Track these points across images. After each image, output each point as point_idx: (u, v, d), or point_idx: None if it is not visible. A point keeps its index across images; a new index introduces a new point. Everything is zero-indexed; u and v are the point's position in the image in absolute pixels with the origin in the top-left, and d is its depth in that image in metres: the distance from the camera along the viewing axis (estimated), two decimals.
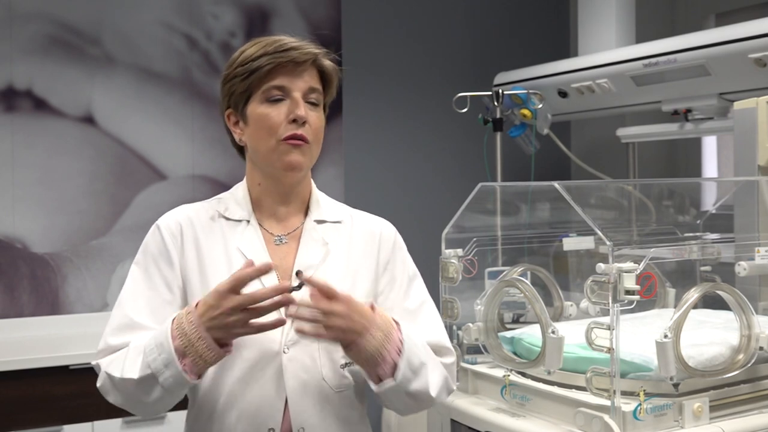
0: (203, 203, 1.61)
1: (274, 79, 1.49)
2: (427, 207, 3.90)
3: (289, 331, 1.47)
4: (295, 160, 1.50)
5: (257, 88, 1.50)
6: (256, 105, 1.50)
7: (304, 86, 1.51)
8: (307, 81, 1.51)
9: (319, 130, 1.53)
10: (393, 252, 1.63)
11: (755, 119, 2.22)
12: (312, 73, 1.53)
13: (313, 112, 1.52)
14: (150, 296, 1.50)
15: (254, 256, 1.50)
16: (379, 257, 1.61)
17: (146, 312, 1.49)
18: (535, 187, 2.52)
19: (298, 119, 1.48)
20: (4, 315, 3.16)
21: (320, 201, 1.63)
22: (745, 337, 1.79)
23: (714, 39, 2.86)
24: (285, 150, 1.49)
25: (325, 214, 1.61)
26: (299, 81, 1.50)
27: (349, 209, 1.67)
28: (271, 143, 1.49)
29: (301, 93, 1.50)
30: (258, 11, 3.65)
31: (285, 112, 1.49)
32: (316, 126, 1.52)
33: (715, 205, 2.68)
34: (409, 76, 4.00)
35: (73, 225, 3.30)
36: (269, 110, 1.49)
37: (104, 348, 1.50)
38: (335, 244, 1.58)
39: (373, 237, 1.62)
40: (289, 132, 1.48)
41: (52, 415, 2.80)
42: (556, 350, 1.74)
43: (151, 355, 1.37)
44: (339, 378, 1.50)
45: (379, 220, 1.67)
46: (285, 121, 1.49)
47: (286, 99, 1.50)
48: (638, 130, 3.45)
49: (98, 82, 3.34)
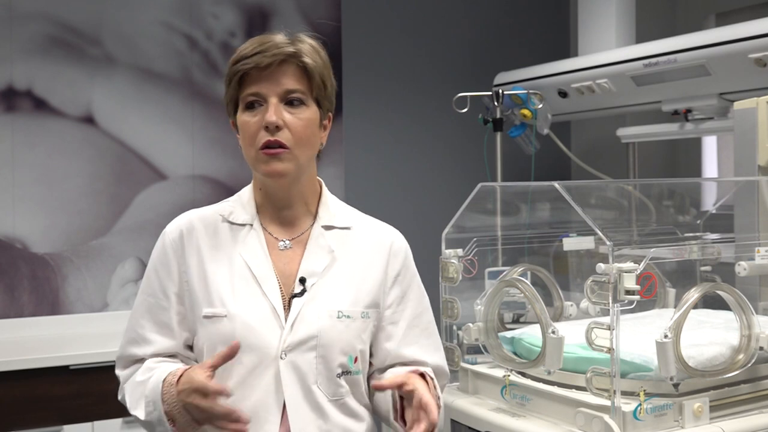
0: (210, 207, 1.60)
1: (249, 85, 1.46)
2: (427, 207, 3.90)
3: (287, 337, 1.46)
4: (274, 169, 1.47)
5: (239, 95, 1.48)
6: (240, 112, 1.49)
7: (279, 90, 1.46)
8: (283, 83, 1.46)
9: (302, 131, 1.48)
10: (404, 265, 1.61)
11: (755, 119, 2.22)
12: (290, 71, 1.47)
13: (293, 115, 1.47)
14: (151, 303, 1.54)
15: (256, 261, 1.51)
16: (388, 269, 1.58)
17: (149, 322, 1.54)
18: (535, 187, 2.52)
19: (269, 125, 1.45)
20: (4, 315, 3.15)
21: (330, 205, 1.60)
22: (745, 337, 1.79)
23: (714, 39, 2.86)
24: (263, 159, 1.47)
25: (334, 220, 1.58)
26: (275, 85, 1.46)
27: (359, 215, 1.64)
28: (251, 152, 1.48)
29: (278, 97, 1.46)
30: (258, 11, 3.65)
31: (260, 118, 1.46)
32: (296, 128, 1.47)
33: (715, 205, 2.68)
34: (409, 76, 4.00)
35: (73, 225, 3.30)
36: (248, 118, 1.47)
37: (120, 357, 1.59)
38: (341, 252, 1.55)
39: (382, 247, 1.59)
40: (264, 140, 1.46)
41: (52, 415, 2.80)
42: (556, 350, 1.74)
43: (149, 407, 1.45)
44: (334, 386, 1.49)
45: (390, 230, 1.64)
46: (261, 129, 1.46)
47: (263, 106, 1.46)
48: (638, 130, 3.45)
49: (98, 82, 3.34)
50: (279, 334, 1.46)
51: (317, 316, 1.48)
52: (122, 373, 1.56)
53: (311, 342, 1.47)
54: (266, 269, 1.50)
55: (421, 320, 1.61)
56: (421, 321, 1.61)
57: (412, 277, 1.62)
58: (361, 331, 1.53)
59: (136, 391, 1.50)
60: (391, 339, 1.57)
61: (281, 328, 1.47)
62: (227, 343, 1.44)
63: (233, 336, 1.45)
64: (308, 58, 1.48)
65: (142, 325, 1.54)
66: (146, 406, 1.45)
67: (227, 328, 1.46)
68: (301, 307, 1.48)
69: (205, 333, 1.49)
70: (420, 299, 1.62)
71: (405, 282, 1.60)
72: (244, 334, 1.45)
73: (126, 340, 1.56)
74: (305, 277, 1.50)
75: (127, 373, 1.55)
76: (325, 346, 1.48)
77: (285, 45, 1.47)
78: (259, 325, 1.46)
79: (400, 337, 1.57)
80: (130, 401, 1.51)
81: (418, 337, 1.59)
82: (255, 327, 1.46)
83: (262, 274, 1.50)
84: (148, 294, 1.55)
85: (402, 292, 1.59)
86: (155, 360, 1.53)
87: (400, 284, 1.59)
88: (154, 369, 1.50)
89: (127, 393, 1.53)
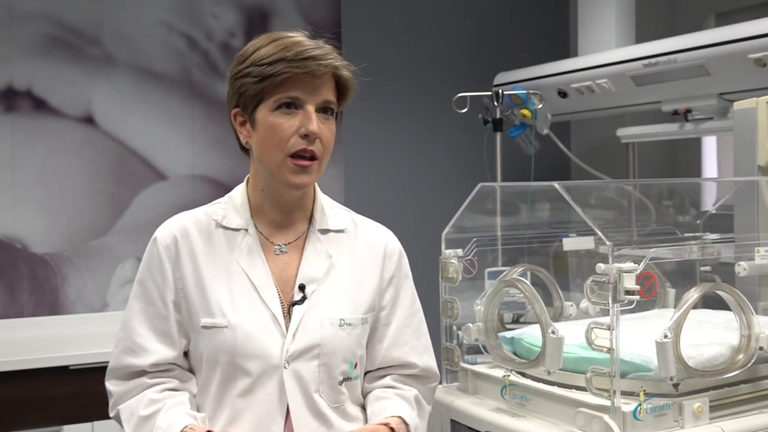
0: (202, 209, 1.57)
1: (290, 89, 1.41)
2: (427, 207, 3.90)
3: (289, 346, 1.46)
4: (301, 181, 1.45)
5: (270, 94, 1.42)
6: (267, 112, 1.43)
7: (319, 99, 1.43)
8: (323, 94, 1.44)
9: (330, 143, 1.47)
10: (398, 267, 1.61)
11: (755, 119, 2.22)
12: (329, 83, 1.45)
13: (325, 125, 1.45)
14: (150, 312, 1.50)
15: (253, 269, 1.49)
16: (383, 272, 1.58)
17: (148, 331, 1.49)
18: (535, 187, 2.52)
19: (310, 135, 1.42)
20: (4, 315, 3.15)
21: (324, 208, 1.58)
22: (745, 337, 1.79)
23: (714, 39, 2.86)
24: (292, 169, 1.43)
25: (330, 223, 1.57)
26: (315, 94, 1.42)
27: (352, 215, 1.63)
28: (278, 157, 1.43)
29: (316, 106, 1.43)
30: (258, 11, 3.65)
31: (296, 124, 1.42)
32: (327, 140, 1.45)
33: (715, 205, 2.68)
34: (409, 77, 4.00)
35: (73, 225, 3.30)
36: (280, 121, 1.42)
37: (114, 369, 1.52)
38: (339, 257, 1.54)
39: (377, 250, 1.59)
40: (299, 147, 1.42)
41: (52, 415, 2.80)
42: (556, 350, 1.74)
43: None
44: (336, 394, 1.50)
45: (383, 231, 1.63)
46: (296, 135, 1.42)
47: (299, 110, 1.42)
48: (638, 130, 3.45)
49: (98, 82, 3.34)
50: (281, 342, 1.45)
51: (319, 324, 1.48)
52: (117, 388, 1.50)
53: (314, 351, 1.47)
54: (264, 277, 1.49)
55: (413, 321, 1.61)
56: (412, 322, 1.61)
57: (404, 278, 1.62)
58: (361, 337, 1.54)
59: (141, 427, 1.45)
60: (383, 340, 1.58)
61: (283, 337, 1.46)
62: (229, 353, 1.44)
63: (235, 346, 1.44)
64: (346, 72, 1.48)
65: (139, 333, 1.49)
66: None
67: (228, 339, 1.45)
68: (302, 315, 1.47)
69: (205, 343, 1.47)
70: (412, 300, 1.63)
71: (398, 283, 1.60)
72: (246, 344, 1.44)
73: (120, 350, 1.50)
74: (305, 284, 1.49)
75: (122, 390, 1.50)
76: (328, 354, 1.47)
77: (332, 57, 1.44)
78: (261, 335, 1.45)
79: (391, 338, 1.58)
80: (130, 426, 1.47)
81: (409, 338, 1.59)
82: (257, 337, 1.45)
83: (261, 282, 1.48)
84: (145, 302, 1.50)
85: (395, 294, 1.59)
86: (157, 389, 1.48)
87: (394, 286, 1.59)
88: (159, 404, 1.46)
89: (126, 420, 1.48)
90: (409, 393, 1.57)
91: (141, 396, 1.47)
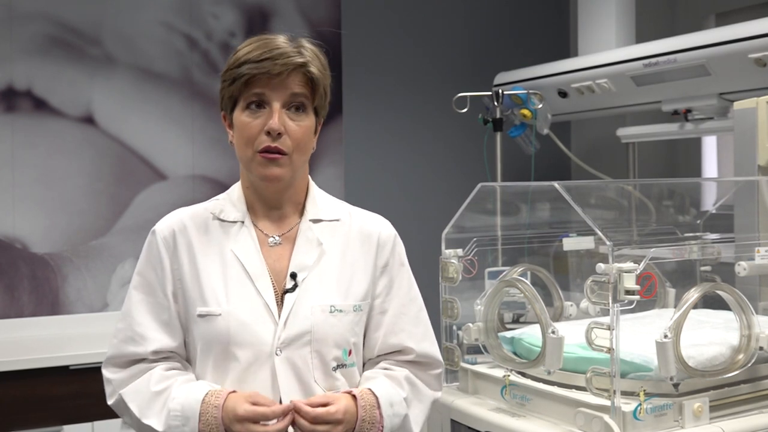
0: (200, 205, 1.61)
1: (254, 87, 1.47)
2: (427, 207, 3.90)
3: (281, 333, 1.47)
4: (271, 173, 1.49)
5: (240, 95, 1.48)
6: (239, 112, 1.49)
7: (284, 95, 1.47)
8: (289, 88, 1.47)
9: (301, 138, 1.50)
10: (392, 255, 1.61)
11: (755, 119, 2.22)
12: (297, 79, 1.48)
13: (294, 121, 1.48)
14: (151, 303, 1.53)
15: (248, 258, 1.52)
16: (377, 260, 1.59)
17: (151, 321, 1.52)
18: (535, 187, 2.52)
19: (271, 132, 1.46)
20: (4, 315, 3.15)
21: (317, 199, 1.61)
22: (745, 337, 1.79)
23: (714, 39, 2.86)
24: (261, 162, 1.48)
25: (322, 213, 1.59)
26: (279, 90, 1.47)
27: (348, 207, 1.65)
28: (248, 153, 1.49)
29: (281, 102, 1.47)
30: (258, 11, 3.65)
31: (262, 122, 1.47)
32: (296, 135, 1.48)
33: (715, 205, 2.68)
34: (409, 77, 4.00)
35: (73, 225, 3.30)
36: (248, 119, 1.48)
37: (113, 357, 1.54)
38: (330, 244, 1.56)
39: (370, 237, 1.60)
40: (264, 144, 1.47)
41: (52, 415, 2.80)
42: (556, 350, 1.74)
43: (176, 421, 1.43)
44: (331, 380, 1.51)
45: (378, 220, 1.65)
46: (262, 132, 1.47)
47: (266, 107, 1.47)
48: (638, 130, 3.45)
49: (98, 82, 3.34)
50: (273, 330, 1.47)
51: (310, 311, 1.50)
52: (116, 375, 1.52)
53: (305, 337, 1.48)
54: (259, 266, 1.51)
55: (410, 309, 1.61)
56: (409, 309, 1.61)
57: (400, 266, 1.62)
58: (354, 324, 1.54)
59: (153, 401, 1.46)
60: (380, 328, 1.58)
61: (275, 325, 1.48)
62: (222, 341, 1.46)
63: (228, 334, 1.47)
64: (314, 68, 1.50)
65: (140, 323, 1.51)
66: (170, 419, 1.43)
67: (222, 327, 1.47)
68: (293, 302, 1.49)
69: (200, 332, 1.49)
70: (409, 289, 1.63)
71: (393, 271, 1.61)
72: (239, 332, 1.46)
73: (120, 339, 1.53)
74: (296, 272, 1.51)
75: (122, 377, 1.51)
76: (319, 340, 1.49)
77: (294, 54, 1.47)
78: (253, 323, 1.47)
79: (388, 325, 1.58)
80: (138, 409, 1.47)
81: (406, 325, 1.59)
82: (249, 324, 1.47)
83: (255, 271, 1.51)
84: (145, 293, 1.53)
85: (390, 281, 1.60)
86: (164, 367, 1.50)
87: (388, 273, 1.60)
88: (170, 379, 1.48)
89: (133, 400, 1.49)
90: (398, 373, 1.57)
91: (148, 375, 1.50)
